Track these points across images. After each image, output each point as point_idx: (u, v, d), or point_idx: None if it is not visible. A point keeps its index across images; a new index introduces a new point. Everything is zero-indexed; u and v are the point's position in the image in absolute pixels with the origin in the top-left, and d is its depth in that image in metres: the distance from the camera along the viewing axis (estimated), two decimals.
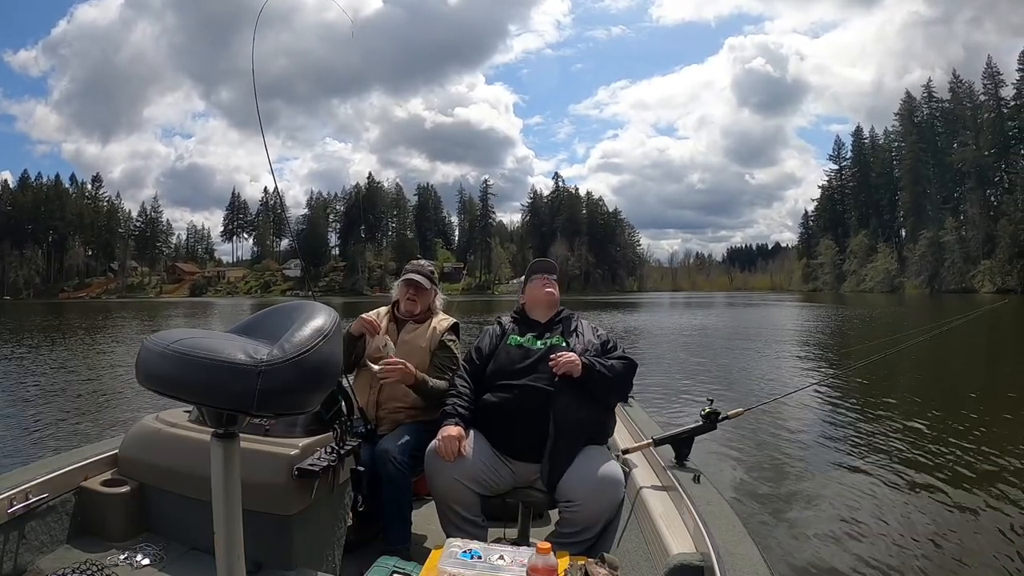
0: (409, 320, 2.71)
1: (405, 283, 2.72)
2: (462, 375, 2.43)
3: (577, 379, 2.23)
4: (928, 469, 4.98)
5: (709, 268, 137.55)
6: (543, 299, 2.57)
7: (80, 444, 2.73)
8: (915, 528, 3.86)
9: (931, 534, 3.75)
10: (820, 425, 6.74)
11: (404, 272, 2.78)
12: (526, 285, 2.64)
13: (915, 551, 3.53)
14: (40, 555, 1.81)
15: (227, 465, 1.10)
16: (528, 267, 2.74)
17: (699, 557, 1.56)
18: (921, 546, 3.59)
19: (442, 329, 2.68)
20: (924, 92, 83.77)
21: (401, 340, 2.63)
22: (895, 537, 3.73)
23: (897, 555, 3.48)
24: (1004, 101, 73.31)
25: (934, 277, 74.56)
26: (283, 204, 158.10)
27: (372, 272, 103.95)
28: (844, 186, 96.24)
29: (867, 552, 3.52)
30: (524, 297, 2.64)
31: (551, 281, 2.61)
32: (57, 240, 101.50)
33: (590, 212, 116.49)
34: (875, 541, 3.67)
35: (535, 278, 2.62)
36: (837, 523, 3.96)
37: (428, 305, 2.76)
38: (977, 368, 11.04)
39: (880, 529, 3.85)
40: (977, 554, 3.47)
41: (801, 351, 14.86)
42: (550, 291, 2.57)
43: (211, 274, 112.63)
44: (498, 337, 2.51)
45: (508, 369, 2.34)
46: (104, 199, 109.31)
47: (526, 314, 2.60)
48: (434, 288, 2.77)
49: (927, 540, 3.67)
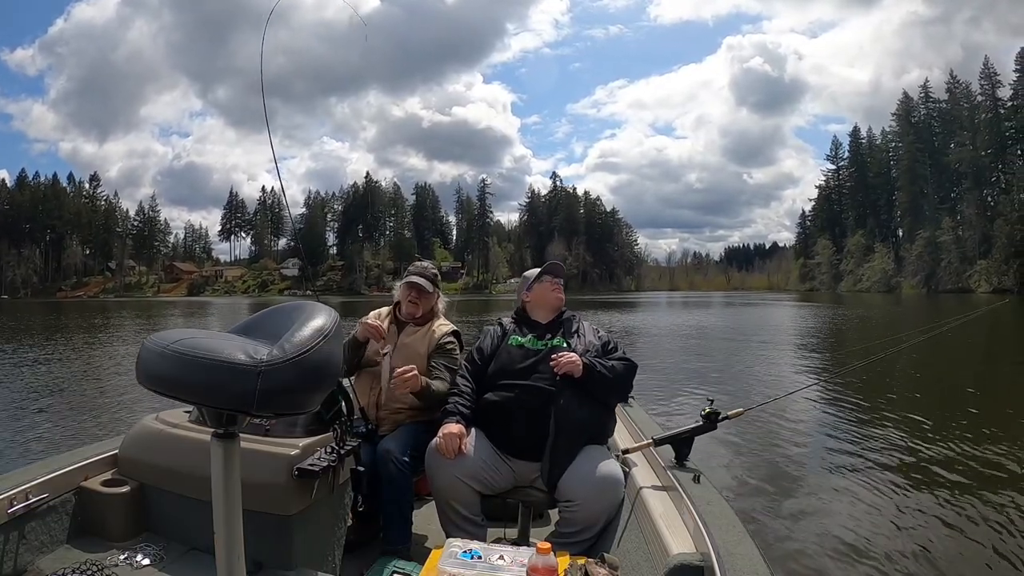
0: (410, 322, 2.68)
1: (407, 285, 2.67)
2: (463, 374, 2.43)
3: (578, 379, 2.23)
4: (928, 469, 4.99)
5: (707, 268, 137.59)
6: (552, 302, 2.57)
7: (80, 444, 2.73)
8: (915, 528, 3.86)
9: (931, 534, 3.76)
10: (820, 425, 6.74)
11: (406, 274, 2.73)
12: (534, 284, 2.62)
13: (915, 551, 3.53)
14: (40, 555, 1.81)
15: (227, 465, 1.10)
16: (540, 268, 2.69)
17: (699, 557, 1.56)
18: (921, 546, 3.59)
19: (441, 333, 2.64)
20: (921, 92, 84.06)
21: (401, 343, 2.61)
22: (895, 537, 3.74)
23: (897, 555, 3.48)
24: (1001, 102, 73.41)
25: (930, 277, 74.68)
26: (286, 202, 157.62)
27: (370, 272, 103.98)
28: (841, 186, 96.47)
29: (867, 552, 3.52)
30: (529, 296, 2.62)
31: (560, 285, 2.62)
32: (55, 239, 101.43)
33: (588, 212, 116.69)
34: (875, 541, 3.67)
35: (545, 280, 2.60)
36: (837, 523, 3.96)
37: (431, 307, 2.71)
38: (977, 368, 11.04)
39: (880, 529, 3.85)
40: (977, 554, 3.47)
41: (800, 351, 14.89)
42: (559, 296, 2.58)
43: (209, 273, 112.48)
44: (499, 337, 2.51)
45: (509, 369, 2.34)
46: (102, 198, 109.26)
47: (527, 314, 2.60)
48: (437, 291, 2.72)
49: (927, 540, 3.67)
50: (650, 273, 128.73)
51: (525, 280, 2.68)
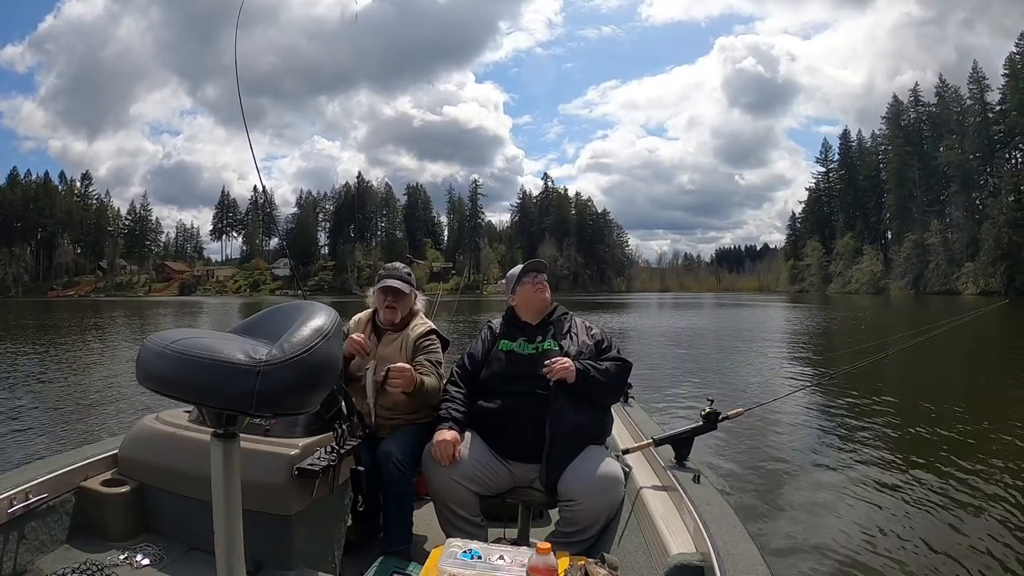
0: (389, 329, 2.63)
1: (382, 291, 2.59)
2: (455, 380, 2.41)
3: (572, 384, 2.21)
4: (928, 468, 4.98)
5: (697, 269, 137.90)
6: (536, 302, 2.50)
7: (80, 444, 2.71)
8: (915, 527, 3.87)
9: (931, 533, 3.76)
10: (820, 425, 6.77)
11: (378, 279, 2.64)
12: (516, 286, 2.53)
13: (915, 550, 3.54)
14: (40, 555, 1.81)
15: (227, 465, 1.10)
16: (520, 268, 2.60)
17: (699, 557, 1.56)
18: (920, 545, 3.60)
19: (416, 335, 2.57)
20: (911, 96, 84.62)
21: (380, 355, 2.53)
22: (895, 536, 3.74)
23: (897, 554, 3.49)
24: (989, 105, 74.05)
25: (918, 279, 75.11)
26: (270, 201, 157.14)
27: (361, 272, 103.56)
28: (831, 188, 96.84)
29: (867, 552, 3.53)
30: (514, 299, 2.55)
31: (542, 282, 2.53)
32: (46, 238, 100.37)
33: (579, 213, 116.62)
34: (875, 540, 3.68)
35: (527, 280, 2.52)
36: (837, 523, 3.96)
37: (409, 309, 2.66)
38: (976, 368, 11.15)
39: (880, 528, 3.86)
40: (976, 554, 3.48)
41: (799, 352, 14.96)
42: (544, 296, 2.50)
43: (200, 273, 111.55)
44: (489, 342, 2.47)
45: (502, 375, 2.32)
46: (94, 197, 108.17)
47: (516, 316, 2.53)
48: (413, 291, 2.66)
49: (927, 539, 3.67)
50: (641, 274, 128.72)
51: (509, 281, 2.60)
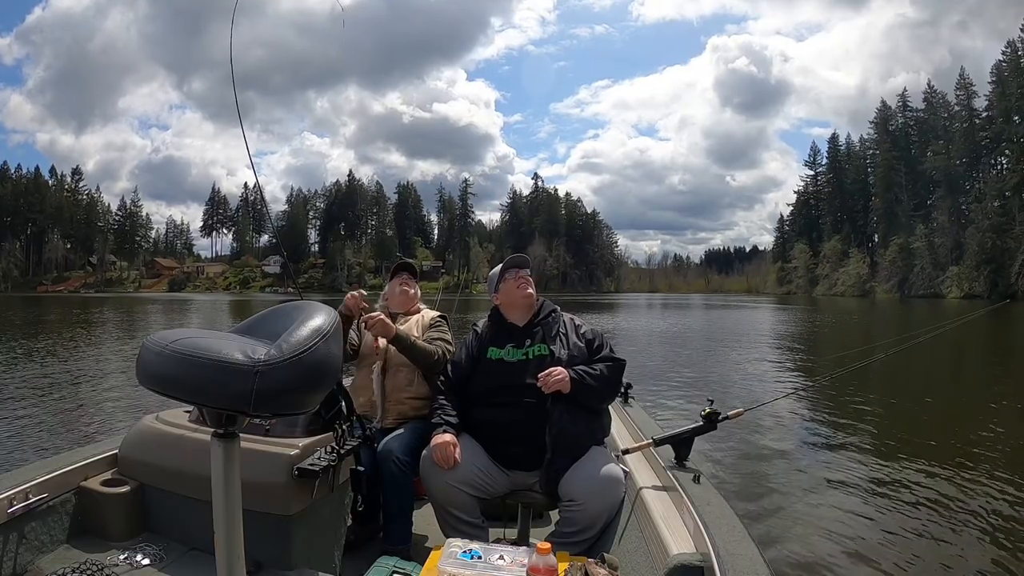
0: (400, 315, 2.77)
1: (399, 268, 2.88)
2: (442, 392, 2.36)
3: (567, 394, 2.18)
4: (928, 468, 5.00)
5: (687, 270, 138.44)
6: (520, 301, 2.41)
7: (80, 444, 2.70)
8: (915, 527, 3.89)
9: (931, 533, 3.78)
10: (820, 425, 6.80)
11: (393, 267, 2.94)
12: (499, 283, 2.45)
13: (914, 550, 3.56)
14: (40, 555, 1.80)
15: (227, 465, 1.10)
16: (500, 266, 2.51)
17: (699, 557, 1.56)
18: (920, 545, 3.62)
19: (431, 316, 2.77)
20: (899, 101, 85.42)
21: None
22: (895, 536, 3.76)
23: (897, 554, 3.50)
24: (976, 112, 74.86)
25: (904, 282, 75.82)
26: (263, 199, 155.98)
27: (351, 270, 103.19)
28: (819, 191, 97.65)
29: (867, 551, 3.54)
30: (498, 298, 2.46)
31: (526, 277, 2.43)
32: (36, 233, 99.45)
33: (569, 213, 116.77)
34: (875, 540, 3.70)
35: (509, 277, 2.43)
36: (837, 523, 3.97)
37: (418, 297, 2.88)
38: (975, 368, 11.27)
39: (880, 528, 3.88)
40: (975, 554, 3.51)
41: (798, 353, 15.04)
42: (528, 292, 2.40)
43: (190, 269, 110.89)
44: (475, 347, 2.39)
45: (494, 386, 2.27)
46: (84, 192, 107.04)
47: (503, 317, 2.45)
48: (416, 285, 2.91)
49: (927, 539, 3.70)
50: (630, 275, 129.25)
51: (491, 280, 2.52)
